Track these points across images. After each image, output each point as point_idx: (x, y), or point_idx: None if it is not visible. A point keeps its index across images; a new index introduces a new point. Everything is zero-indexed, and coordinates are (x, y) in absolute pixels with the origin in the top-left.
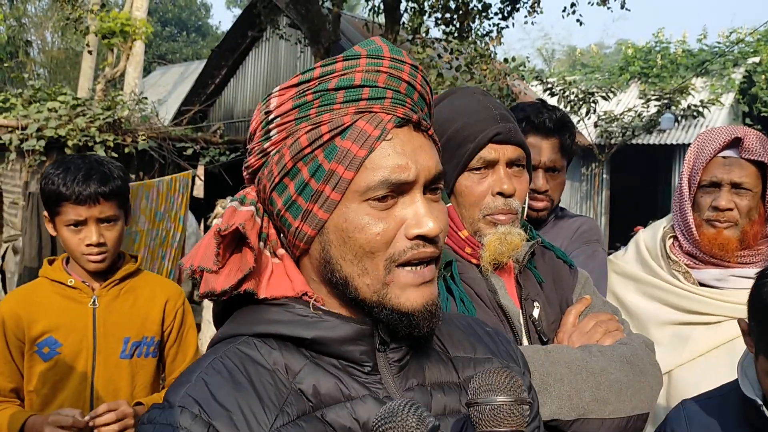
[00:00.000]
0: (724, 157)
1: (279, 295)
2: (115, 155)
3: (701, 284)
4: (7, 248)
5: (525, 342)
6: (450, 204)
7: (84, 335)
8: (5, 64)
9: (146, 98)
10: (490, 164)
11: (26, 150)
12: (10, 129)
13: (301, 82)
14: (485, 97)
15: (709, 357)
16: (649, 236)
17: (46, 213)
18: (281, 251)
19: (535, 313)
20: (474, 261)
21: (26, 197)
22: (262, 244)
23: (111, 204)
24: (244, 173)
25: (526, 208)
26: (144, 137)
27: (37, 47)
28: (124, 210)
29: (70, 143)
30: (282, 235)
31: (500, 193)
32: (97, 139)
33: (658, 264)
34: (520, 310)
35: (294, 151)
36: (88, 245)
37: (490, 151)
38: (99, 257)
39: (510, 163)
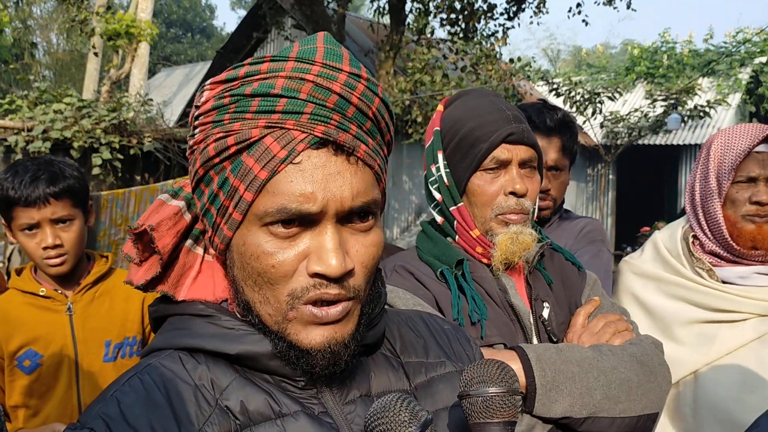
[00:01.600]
0: (757, 152)
1: (198, 297)
2: (121, 157)
3: (725, 282)
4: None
5: (535, 341)
6: (462, 203)
7: (63, 344)
8: (11, 66)
9: (151, 99)
10: (503, 164)
11: (32, 152)
12: (15, 131)
13: (227, 79)
14: (497, 98)
15: (736, 356)
16: (668, 236)
17: (2, 221)
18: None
19: (545, 313)
20: (485, 260)
21: None
22: (190, 242)
23: (64, 203)
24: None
25: (537, 209)
26: (149, 139)
27: (43, 49)
28: (83, 209)
29: (75, 145)
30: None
31: (513, 193)
32: (103, 141)
33: (681, 263)
34: (530, 310)
35: (203, 159)
36: (45, 248)
37: (503, 151)
38: (58, 260)
39: (522, 164)
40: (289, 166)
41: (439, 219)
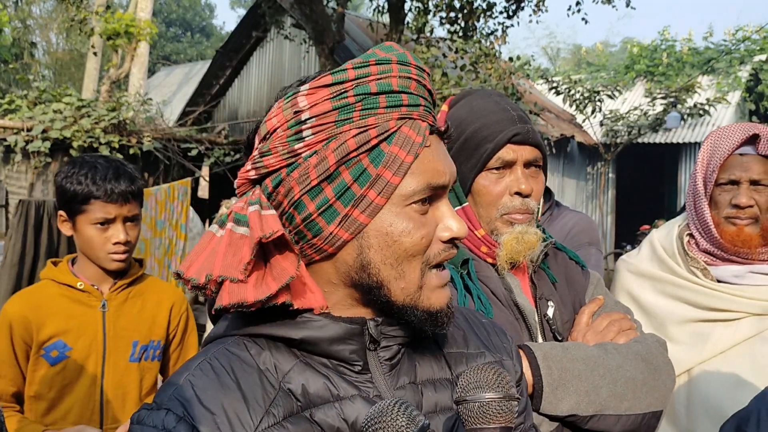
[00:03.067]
0: (741, 155)
1: (309, 306)
2: (120, 156)
3: (719, 281)
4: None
5: (540, 340)
6: (467, 203)
7: (94, 339)
8: (10, 66)
9: (151, 99)
10: (508, 164)
11: (31, 152)
12: (15, 131)
13: (336, 82)
14: (502, 98)
15: (729, 354)
16: (664, 235)
17: (62, 212)
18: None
19: (550, 312)
20: (490, 260)
21: (17, 205)
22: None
23: (135, 204)
24: (252, 173)
25: (541, 209)
26: (149, 138)
27: (42, 49)
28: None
29: (75, 144)
30: (297, 240)
31: (518, 193)
32: (102, 141)
33: (676, 262)
34: (535, 309)
35: (340, 155)
36: (115, 243)
37: (508, 152)
38: (124, 255)
39: (527, 164)
40: (425, 149)
41: None
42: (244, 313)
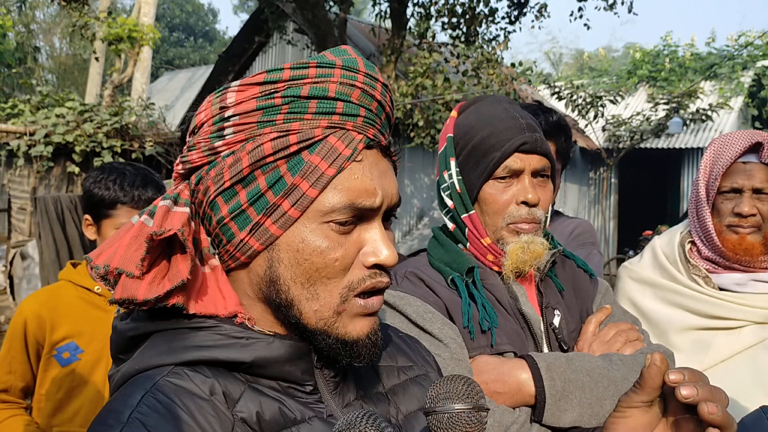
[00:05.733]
0: (744, 163)
1: (209, 312)
2: (123, 161)
3: (721, 289)
4: (15, 253)
5: (545, 350)
6: (473, 211)
7: (106, 343)
8: (14, 70)
9: (153, 104)
10: (516, 173)
11: (34, 156)
12: (18, 135)
13: (267, 81)
14: (511, 106)
15: (731, 363)
16: (666, 242)
17: (88, 216)
18: (214, 262)
19: (556, 321)
20: (495, 268)
21: (33, 202)
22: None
23: None
24: (178, 167)
25: (549, 218)
26: (151, 143)
27: (46, 53)
28: None
29: (77, 149)
30: (216, 243)
31: (524, 203)
32: (105, 145)
33: (677, 269)
34: (541, 318)
35: (254, 158)
36: None
37: (515, 161)
38: None
39: (535, 173)
40: (353, 164)
41: (450, 226)
42: (179, 338)
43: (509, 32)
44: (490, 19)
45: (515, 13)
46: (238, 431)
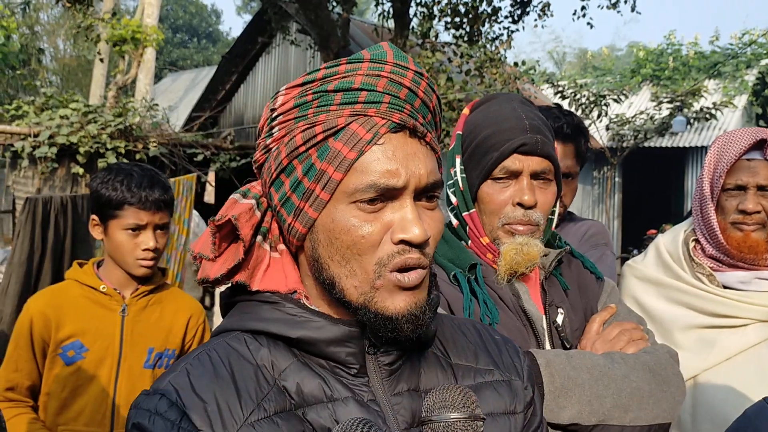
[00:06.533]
0: (748, 160)
1: (271, 289)
2: (127, 162)
3: (725, 287)
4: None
5: (548, 347)
6: (474, 210)
7: (111, 342)
8: (18, 72)
9: (157, 105)
10: (514, 174)
11: (38, 157)
12: (22, 136)
13: (305, 82)
14: (521, 105)
15: (735, 361)
16: (670, 240)
17: (95, 216)
18: (281, 246)
19: (559, 319)
20: (495, 267)
21: (24, 203)
22: (260, 237)
23: (166, 212)
24: (254, 167)
25: (555, 219)
26: (155, 144)
27: (50, 55)
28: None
29: (81, 150)
30: (281, 230)
31: (520, 204)
32: (109, 146)
33: (681, 267)
34: (544, 316)
35: (290, 149)
36: (144, 249)
37: (514, 162)
38: (151, 262)
39: (535, 175)
40: (375, 147)
41: (454, 222)
42: (249, 310)
43: (512, 31)
44: (493, 18)
45: (518, 12)
46: (272, 396)
